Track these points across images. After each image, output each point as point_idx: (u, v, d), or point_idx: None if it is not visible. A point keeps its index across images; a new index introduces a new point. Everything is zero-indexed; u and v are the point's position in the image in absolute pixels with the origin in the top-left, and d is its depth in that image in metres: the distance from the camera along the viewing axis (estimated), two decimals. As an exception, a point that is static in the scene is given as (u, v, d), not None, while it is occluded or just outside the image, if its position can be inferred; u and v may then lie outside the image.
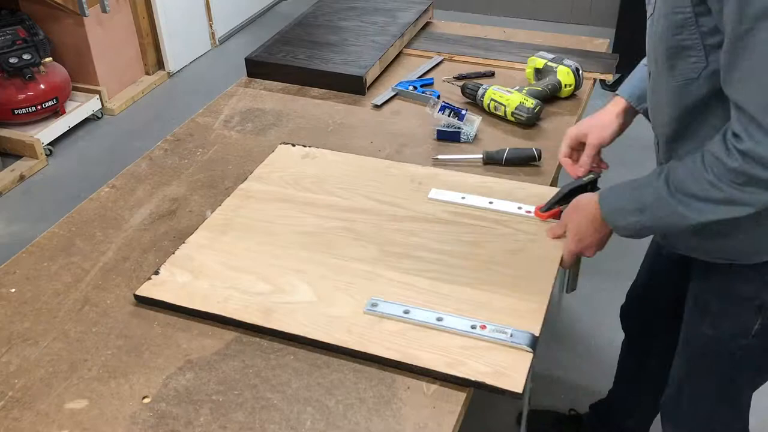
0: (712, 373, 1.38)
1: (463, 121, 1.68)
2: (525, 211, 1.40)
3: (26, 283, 1.31)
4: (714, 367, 1.37)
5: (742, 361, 1.32)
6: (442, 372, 1.08)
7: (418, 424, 1.03)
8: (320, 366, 1.13)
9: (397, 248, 1.33)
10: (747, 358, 1.31)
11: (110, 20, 3.61)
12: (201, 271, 1.29)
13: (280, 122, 1.80)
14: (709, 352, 1.36)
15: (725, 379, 1.37)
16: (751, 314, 1.25)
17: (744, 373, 1.35)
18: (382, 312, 1.18)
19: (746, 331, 1.27)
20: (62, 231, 1.44)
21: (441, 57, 2.06)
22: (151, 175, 1.61)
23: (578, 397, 2.11)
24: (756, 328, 1.25)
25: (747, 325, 1.26)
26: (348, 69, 1.92)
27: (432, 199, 1.45)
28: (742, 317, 1.26)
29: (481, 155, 1.59)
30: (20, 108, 3.26)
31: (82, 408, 1.07)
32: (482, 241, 1.34)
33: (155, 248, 1.38)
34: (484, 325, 1.14)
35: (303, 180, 1.53)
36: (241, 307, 1.21)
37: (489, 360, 1.09)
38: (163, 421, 1.05)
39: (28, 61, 3.25)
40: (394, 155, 1.64)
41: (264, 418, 1.05)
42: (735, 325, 1.28)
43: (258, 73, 2.01)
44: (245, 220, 1.42)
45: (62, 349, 1.17)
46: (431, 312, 1.18)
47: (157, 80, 3.94)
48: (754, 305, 1.24)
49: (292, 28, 2.19)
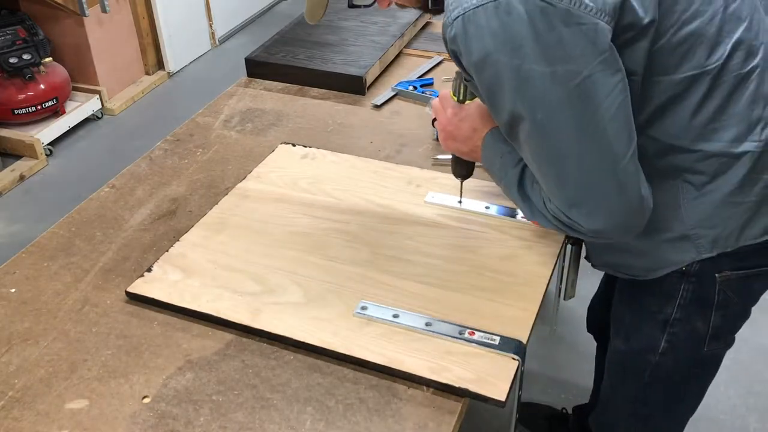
0: (625, 391, 1.37)
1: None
2: (521, 217, 1.39)
3: (26, 283, 1.31)
4: (628, 384, 1.35)
5: (654, 380, 1.29)
6: (425, 377, 1.08)
7: (418, 424, 1.03)
8: (320, 366, 1.13)
9: (389, 251, 1.33)
10: (658, 379, 1.29)
11: (110, 20, 3.62)
12: (193, 269, 1.30)
13: (280, 122, 1.80)
14: (624, 369, 1.35)
15: (638, 398, 1.35)
16: (656, 329, 1.23)
17: (655, 394, 1.33)
18: (371, 315, 1.18)
19: (653, 347, 1.25)
20: (62, 231, 1.44)
21: (441, 57, 2.06)
22: (151, 175, 1.61)
23: (577, 397, 2.11)
24: (663, 346, 1.24)
25: (654, 341, 1.24)
26: (348, 69, 1.92)
27: (428, 202, 1.45)
28: (649, 332, 1.25)
29: (480, 155, 1.59)
30: (20, 108, 3.26)
31: (82, 408, 1.07)
32: (476, 246, 1.34)
33: (155, 248, 1.38)
34: (473, 332, 1.14)
35: (300, 180, 1.53)
36: (230, 307, 1.21)
37: (474, 367, 1.09)
38: (163, 421, 1.05)
39: (28, 61, 3.26)
40: (393, 155, 1.64)
41: (264, 418, 1.05)
42: (643, 340, 1.27)
43: (258, 73, 2.01)
44: (240, 219, 1.42)
45: (62, 349, 1.17)
46: (420, 317, 1.17)
47: (157, 80, 3.94)
48: (659, 320, 1.22)
49: (292, 28, 2.19)
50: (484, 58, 0.95)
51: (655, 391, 1.32)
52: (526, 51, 0.92)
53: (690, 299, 1.18)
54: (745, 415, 2.12)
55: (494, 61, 0.94)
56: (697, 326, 1.21)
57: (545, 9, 0.90)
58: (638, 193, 1.00)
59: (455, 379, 1.07)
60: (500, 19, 0.92)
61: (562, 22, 0.91)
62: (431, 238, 1.36)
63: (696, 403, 1.38)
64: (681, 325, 1.21)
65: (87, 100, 3.56)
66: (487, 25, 0.93)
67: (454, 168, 1.37)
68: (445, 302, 1.21)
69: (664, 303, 1.21)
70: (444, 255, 1.32)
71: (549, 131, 0.97)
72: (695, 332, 1.22)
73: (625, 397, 1.38)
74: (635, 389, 1.34)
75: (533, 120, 0.97)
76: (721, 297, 1.17)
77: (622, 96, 0.96)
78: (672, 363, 1.26)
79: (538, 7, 0.90)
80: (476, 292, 1.23)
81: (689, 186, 1.09)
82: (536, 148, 1.00)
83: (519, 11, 0.91)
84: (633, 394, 1.35)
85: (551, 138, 0.98)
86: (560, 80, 0.93)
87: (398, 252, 1.33)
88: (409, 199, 1.47)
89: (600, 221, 1.01)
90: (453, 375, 1.08)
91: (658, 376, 1.29)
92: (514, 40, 0.92)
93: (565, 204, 1.02)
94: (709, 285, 1.16)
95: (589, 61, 0.92)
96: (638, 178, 1.00)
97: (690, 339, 1.23)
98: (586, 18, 0.91)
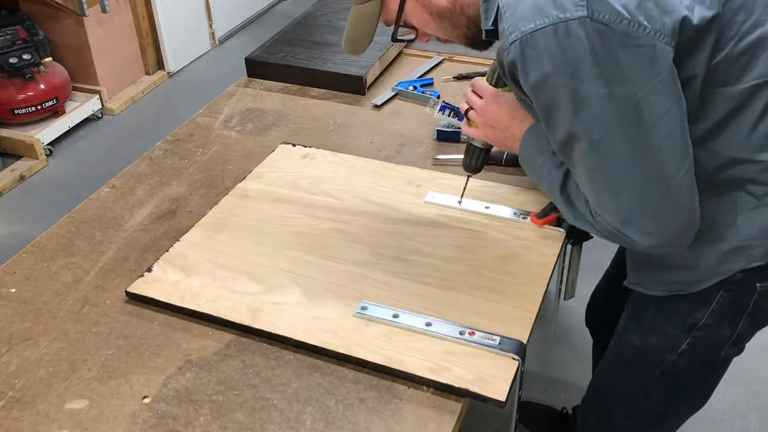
0: (629, 383, 1.37)
1: (463, 121, 1.68)
2: (521, 217, 1.39)
3: (26, 283, 1.31)
4: (634, 377, 1.35)
5: (663, 377, 1.29)
6: (425, 377, 1.08)
7: (418, 424, 1.03)
8: (320, 366, 1.13)
9: (389, 251, 1.33)
10: (668, 377, 1.29)
11: (110, 20, 3.61)
12: (193, 269, 1.30)
13: (280, 122, 1.80)
14: (633, 363, 1.34)
15: (642, 392, 1.35)
16: (681, 331, 1.23)
17: (661, 390, 1.32)
18: (371, 315, 1.18)
19: (673, 347, 1.25)
20: (62, 231, 1.44)
21: (441, 57, 2.06)
22: (151, 175, 1.61)
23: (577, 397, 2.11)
24: (683, 347, 1.23)
25: (675, 342, 1.24)
26: (348, 69, 1.92)
27: (428, 202, 1.45)
28: (672, 332, 1.24)
29: (480, 155, 1.59)
30: (20, 108, 3.26)
31: (82, 408, 1.07)
32: (476, 246, 1.34)
33: (155, 248, 1.38)
34: (473, 332, 1.14)
35: (300, 180, 1.53)
36: (229, 307, 1.21)
37: (474, 367, 1.09)
38: (163, 421, 1.05)
39: (28, 61, 3.25)
40: (393, 155, 1.64)
41: (264, 418, 1.05)
42: (663, 340, 1.26)
43: (258, 73, 2.01)
44: (240, 219, 1.42)
45: (62, 349, 1.17)
46: (420, 317, 1.17)
47: (157, 80, 3.94)
48: (687, 323, 1.21)
49: (292, 28, 2.19)
50: (542, 80, 0.95)
51: (661, 387, 1.32)
52: (584, 73, 0.92)
53: (724, 306, 1.17)
54: (745, 415, 2.12)
55: (552, 84, 0.95)
56: (724, 332, 1.20)
57: (603, 31, 0.91)
58: (691, 208, 1.01)
59: (455, 379, 1.07)
60: (558, 42, 0.92)
61: (620, 45, 0.91)
62: (431, 238, 1.36)
63: (701, 403, 1.38)
64: (708, 329, 1.20)
65: (87, 100, 3.55)
66: (545, 48, 0.93)
67: (468, 161, 1.35)
68: (445, 302, 1.21)
69: (697, 308, 1.20)
70: (444, 255, 1.32)
71: (604, 151, 0.98)
72: (720, 337, 1.21)
73: (626, 389, 1.38)
74: (640, 383, 1.34)
75: (589, 140, 0.97)
76: (755, 306, 1.16)
77: (679, 115, 0.96)
78: (687, 364, 1.26)
79: (596, 29, 0.90)
80: (476, 292, 1.23)
81: (749, 197, 1.08)
82: (590, 166, 1.01)
83: (577, 34, 0.91)
84: (637, 388, 1.35)
85: (606, 157, 0.98)
86: (617, 101, 0.94)
87: (398, 252, 1.33)
88: (409, 199, 1.47)
89: (653, 237, 1.02)
90: (453, 375, 1.08)
91: (668, 374, 1.29)
92: (572, 63, 0.92)
93: (618, 220, 1.03)
94: (746, 294, 1.15)
95: (647, 83, 0.93)
96: (692, 194, 1.01)
97: (713, 343, 1.23)
98: (644, 39, 0.91)
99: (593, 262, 1.92)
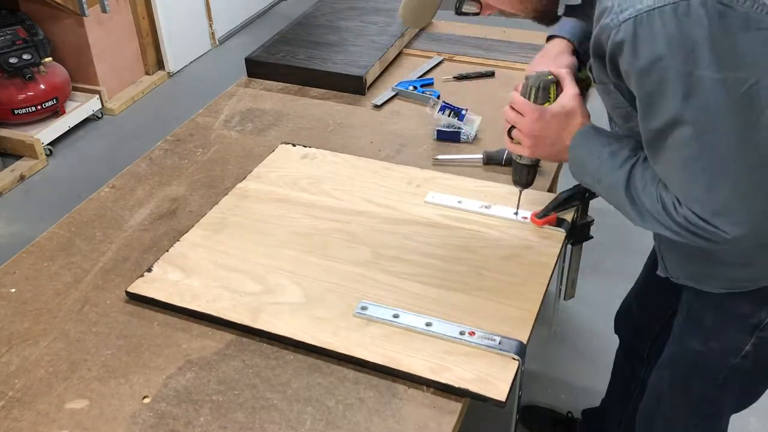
0: (694, 390, 1.35)
1: (463, 121, 1.68)
2: (521, 217, 1.39)
3: (26, 283, 1.31)
4: (698, 384, 1.33)
5: (728, 381, 1.28)
6: (425, 377, 1.08)
7: (418, 424, 1.03)
8: (320, 366, 1.13)
9: (390, 251, 1.33)
10: (733, 379, 1.27)
11: (110, 20, 3.61)
12: (193, 269, 1.30)
13: (280, 122, 1.80)
14: (695, 368, 1.32)
15: (707, 398, 1.33)
16: (745, 333, 1.21)
17: (727, 394, 1.31)
18: (371, 315, 1.18)
19: (737, 350, 1.23)
20: (62, 231, 1.44)
21: (441, 57, 2.06)
22: (151, 175, 1.61)
23: (578, 397, 2.11)
24: (747, 349, 1.22)
25: (739, 344, 1.22)
26: (348, 69, 1.92)
27: (428, 202, 1.45)
28: (735, 335, 1.22)
29: (481, 155, 1.59)
30: (20, 108, 3.26)
31: (82, 408, 1.07)
32: (475, 246, 1.34)
33: (155, 248, 1.38)
34: (473, 332, 1.14)
35: (300, 180, 1.53)
36: (229, 307, 1.21)
37: (475, 367, 1.09)
38: (163, 421, 1.05)
39: (28, 61, 3.25)
40: (393, 155, 1.64)
41: (264, 418, 1.05)
42: (727, 343, 1.24)
43: (258, 73, 2.01)
44: (240, 219, 1.42)
45: (62, 349, 1.17)
46: (421, 317, 1.17)
47: (157, 80, 3.94)
48: (750, 323, 1.20)
49: (292, 28, 2.19)
50: (654, 62, 0.91)
51: (727, 391, 1.30)
52: (699, 56, 0.89)
53: None
54: (745, 415, 2.11)
55: (664, 67, 0.91)
56: None
57: (724, 12, 0.87)
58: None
59: (455, 379, 1.07)
60: (678, 22, 0.88)
61: (740, 27, 0.88)
62: (431, 238, 1.36)
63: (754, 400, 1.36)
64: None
65: (87, 100, 3.55)
66: (663, 29, 0.89)
67: (518, 178, 1.32)
68: (445, 302, 1.21)
69: (759, 308, 1.18)
70: (444, 255, 1.32)
71: (709, 138, 0.94)
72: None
73: (689, 396, 1.35)
74: (705, 389, 1.32)
75: (695, 126, 0.93)
76: None
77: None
78: (751, 365, 1.24)
79: (717, 10, 0.87)
80: (476, 292, 1.23)
81: None
82: (690, 155, 0.96)
83: (698, 14, 0.87)
84: (701, 394, 1.33)
85: (710, 144, 0.94)
86: (729, 87, 0.90)
87: (398, 252, 1.32)
88: (409, 199, 1.46)
89: (746, 227, 0.97)
90: (453, 375, 1.08)
91: (733, 378, 1.27)
92: (688, 45, 0.89)
93: (710, 211, 0.98)
94: None
95: (760, 68, 0.90)
96: None
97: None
98: (765, 22, 0.89)
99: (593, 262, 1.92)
